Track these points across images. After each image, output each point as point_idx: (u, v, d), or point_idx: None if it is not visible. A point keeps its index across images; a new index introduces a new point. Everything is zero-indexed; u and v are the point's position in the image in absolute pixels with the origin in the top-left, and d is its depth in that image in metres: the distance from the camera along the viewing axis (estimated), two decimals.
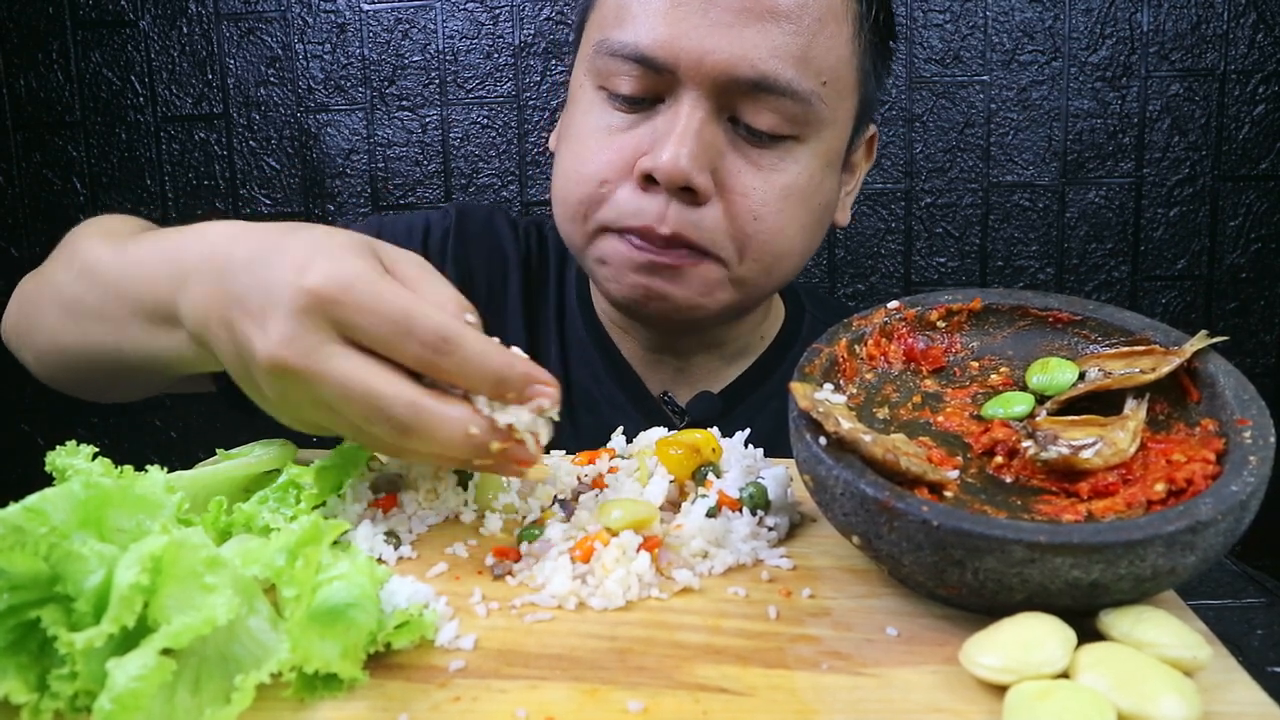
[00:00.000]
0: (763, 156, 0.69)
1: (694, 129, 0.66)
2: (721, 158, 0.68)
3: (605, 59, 0.69)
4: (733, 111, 0.68)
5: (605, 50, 0.69)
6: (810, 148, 0.71)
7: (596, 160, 0.70)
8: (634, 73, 0.68)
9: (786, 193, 0.70)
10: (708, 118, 0.67)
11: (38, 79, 1.77)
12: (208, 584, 0.36)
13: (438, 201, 1.76)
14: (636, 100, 0.69)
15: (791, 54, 0.66)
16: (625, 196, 0.69)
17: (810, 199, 0.72)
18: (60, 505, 0.39)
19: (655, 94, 0.69)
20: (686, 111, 0.66)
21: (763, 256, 0.71)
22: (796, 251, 0.74)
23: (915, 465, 0.42)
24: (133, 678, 0.32)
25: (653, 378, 0.84)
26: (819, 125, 0.70)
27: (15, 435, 1.87)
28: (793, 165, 0.70)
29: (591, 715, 0.35)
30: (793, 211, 0.71)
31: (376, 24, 1.72)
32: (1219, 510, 0.37)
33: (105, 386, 0.71)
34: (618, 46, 0.68)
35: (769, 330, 0.88)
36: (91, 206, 1.80)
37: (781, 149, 0.70)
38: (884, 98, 1.67)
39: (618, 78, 0.69)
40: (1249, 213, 1.67)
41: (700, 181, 0.66)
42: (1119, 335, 0.51)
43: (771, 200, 0.70)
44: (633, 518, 0.47)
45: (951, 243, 1.71)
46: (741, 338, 0.85)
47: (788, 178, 0.70)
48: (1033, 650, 0.35)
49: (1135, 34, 1.63)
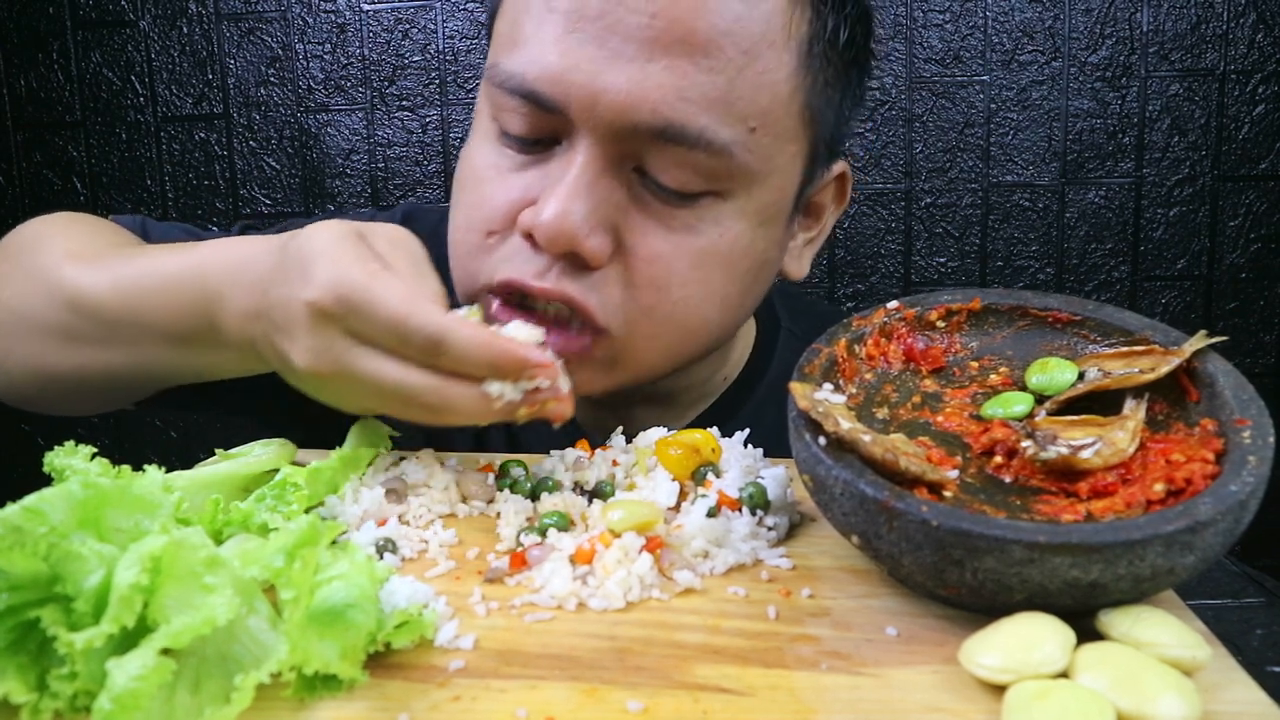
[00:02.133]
0: (674, 216, 0.58)
1: (586, 181, 0.56)
2: (624, 215, 0.58)
3: (494, 90, 0.59)
4: (638, 161, 0.57)
5: (494, 80, 0.59)
6: (737, 205, 0.59)
7: (482, 209, 0.60)
8: (522, 110, 0.57)
9: (701, 259, 0.59)
10: (606, 168, 0.56)
11: (38, 79, 1.78)
12: (207, 584, 0.36)
13: (438, 202, 1.76)
14: (530, 141, 0.59)
15: (706, 96, 0.55)
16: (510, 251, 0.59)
17: (734, 264, 0.61)
18: (59, 505, 0.39)
19: (550, 134, 0.58)
20: (581, 160, 0.56)
21: (665, 334, 0.60)
22: (711, 325, 0.62)
23: (915, 465, 0.42)
24: (132, 677, 0.32)
25: (599, 430, 0.73)
26: (747, 179, 0.58)
27: (15, 435, 1.87)
28: (712, 227, 0.59)
29: (591, 715, 0.35)
30: (707, 280, 0.60)
31: (376, 24, 1.72)
32: (1218, 510, 0.37)
33: (95, 401, 0.69)
34: (504, 77, 0.57)
35: (733, 370, 0.77)
36: (91, 206, 1.80)
37: (699, 207, 0.58)
38: (884, 99, 1.67)
39: (506, 114, 0.59)
40: (1249, 213, 1.68)
41: (590, 246, 0.56)
42: (1118, 335, 0.51)
43: (681, 269, 0.58)
44: (636, 519, 0.47)
45: (951, 243, 1.71)
46: (695, 387, 0.75)
47: (704, 241, 0.59)
48: (1032, 650, 0.35)
49: (1135, 34, 1.63)
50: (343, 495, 0.52)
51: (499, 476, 0.55)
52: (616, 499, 0.50)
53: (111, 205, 1.80)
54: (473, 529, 0.52)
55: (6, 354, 0.66)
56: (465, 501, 0.54)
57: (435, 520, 0.52)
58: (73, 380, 0.64)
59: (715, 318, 0.63)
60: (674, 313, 0.60)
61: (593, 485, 0.53)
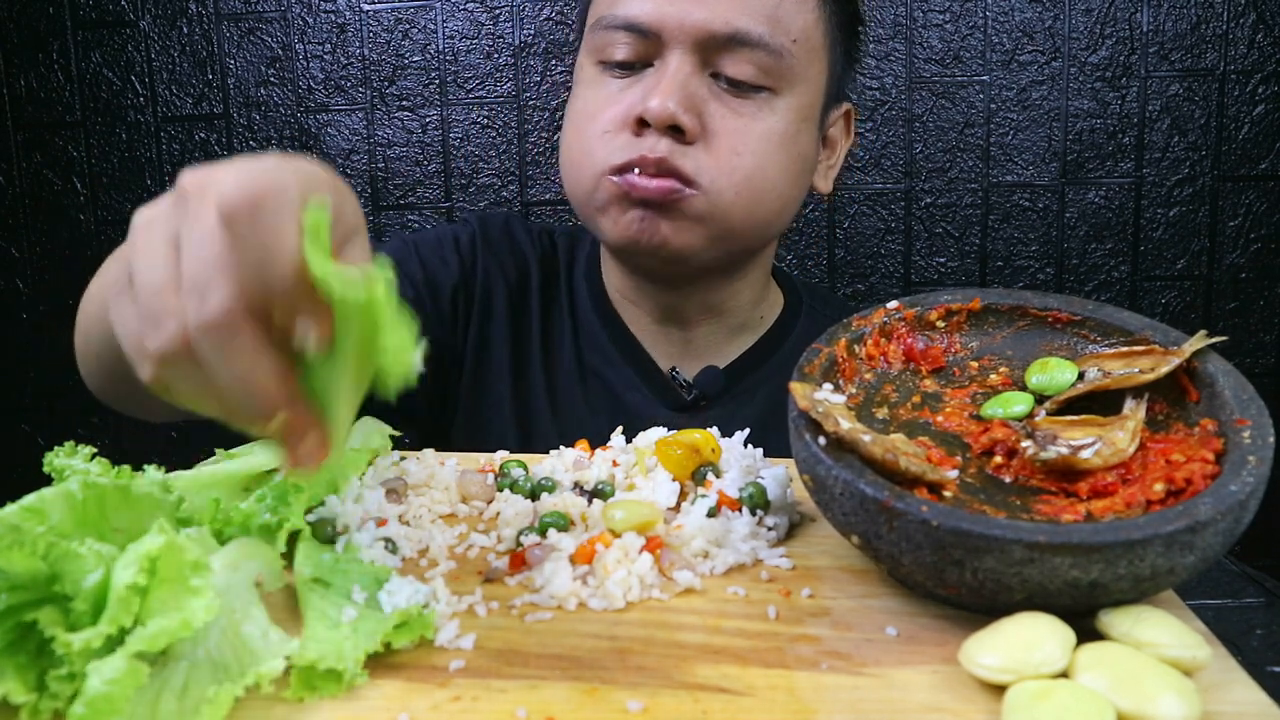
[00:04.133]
0: (743, 105, 0.78)
1: (680, 80, 0.75)
2: (705, 105, 0.76)
3: (601, 33, 0.79)
4: (715, 67, 0.77)
5: (601, 25, 0.79)
6: (786, 100, 0.79)
7: (598, 118, 0.79)
8: (626, 40, 0.77)
9: (766, 136, 0.78)
10: (693, 71, 0.76)
11: (38, 79, 1.77)
12: (193, 586, 0.35)
13: (438, 202, 1.76)
14: (629, 65, 0.78)
15: (762, 13, 0.76)
16: (622, 142, 0.77)
17: (788, 145, 0.80)
18: (58, 505, 0.39)
19: (646, 59, 0.78)
20: (674, 66, 0.75)
21: (744, 190, 0.78)
22: (776, 191, 0.80)
23: (915, 465, 0.42)
24: (106, 681, 0.32)
25: (660, 352, 0.89)
26: (792, 79, 0.78)
27: (15, 435, 1.87)
28: (770, 114, 0.78)
29: (591, 715, 0.35)
30: (772, 153, 0.78)
31: (376, 24, 1.72)
32: (1218, 510, 0.37)
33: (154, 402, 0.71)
34: (610, 19, 0.78)
35: (769, 312, 0.93)
36: (91, 206, 1.80)
37: (760, 99, 0.78)
38: (884, 99, 1.67)
39: (612, 47, 0.78)
40: (1249, 213, 1.67)
41: (686, 120, 0.74)
42: (1118, 335, 0.50)
43: (752, 141, 0.77)
44: (636, 519, 0.47)
45: (951, 243, 1.71)
46: (741, 310, 0.90)
47: (766, 125, 0.78)
48: (1032, 650, 0.35)
49: (1135, 34, 1.63)
50: (343, 495, 0.52)
51: (499, 476, 0.55)
52: (616, 499, 0.50)
53: (111, 205, 1.80)
54: (473, 529, 0.52)
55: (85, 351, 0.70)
56: (465, 501, 0.54)
57: (435, 520, 0.52)
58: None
59: (778, 185, 0.80)
60: (748, 172, 0.77)
61: (593, 485, 0.53)
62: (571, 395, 0.88)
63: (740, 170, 0.77)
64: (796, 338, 0.91)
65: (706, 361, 0.89)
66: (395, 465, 0.56)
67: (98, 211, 1.81)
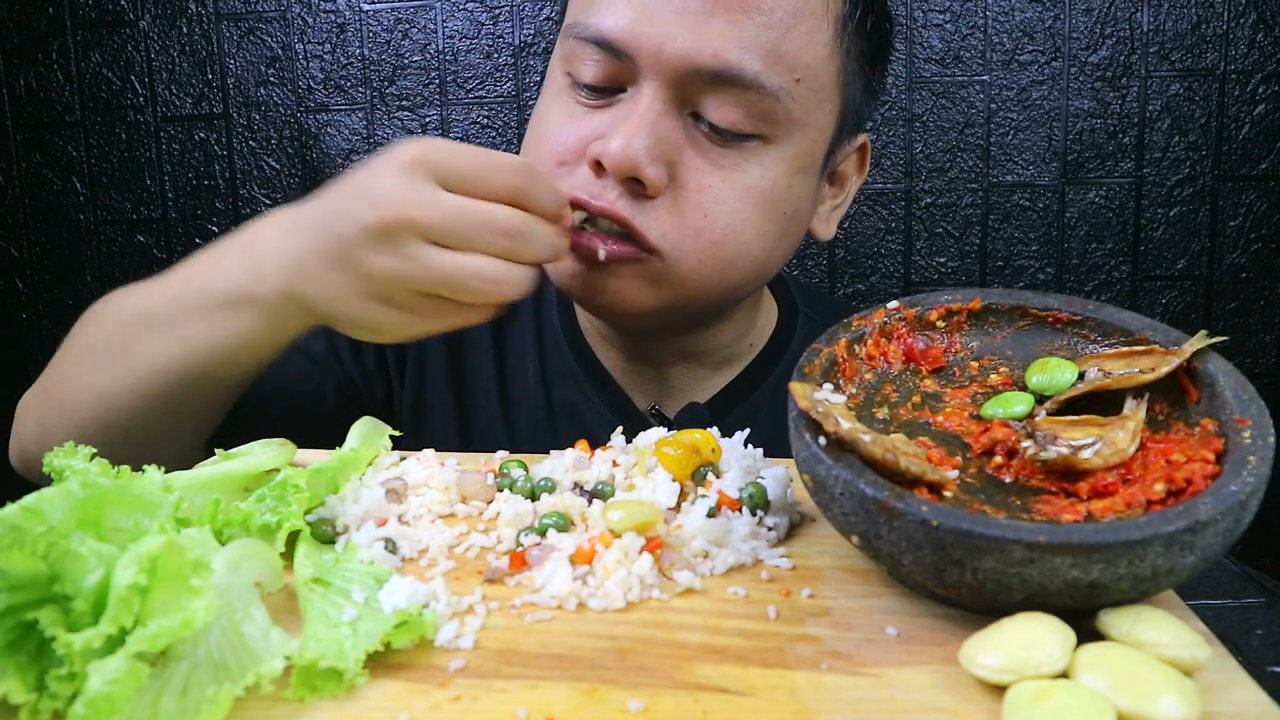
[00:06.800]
0: (724, 155, 0.66)
1: (649, 119, 0.63)
2: (679, 152, 0.65)
3: (572, 42, 0.67)
4: (695, 106, 0.65)
5: (571, 34, 0.67)
6: (779, 150, 0.67)
7: (553, 142, 0.68)
8: (596, 57, 0.65)
9: (746, 194, 0.66)
10: (666, 109, 0.64)
11: (38, 79, 1.78)
12: (193, 586, 0.35)
13: None
14: (599, 89, 0.67)
15: (761, 45, 0.63)
16: (579, 179, 0.66)
17: (775, 204, 0.68)
18: (58, 505, 0.39)
19: (617, 82, 0.66)
20: (645, 104, 0.64)
21: (710, 257, 0.66)
22: (751, 257, 0.69)
23: (915, 465, 0.42)
24: (106, 681, 0.32)
25: (638, 391, 0.81)
26: (789, 125, 0.66)
27: None
28: (756, 167, 0.66)
29: (591, 715, 0.35)
30: (750, 215, 0.67)
31: (376, 24, 1.72)
32: (1218, 510, 0.37)
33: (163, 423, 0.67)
34: (581, 29, 0.66)
35: (759, 339, 0.84)
36: (91, 206, 1.80)
37: (746, 149, 0.66)
38: (884, 99, 1.67)
39: (581, 62, 0.67)
40: (1249, 213, 1.68)
41: (650, 173, 0.63)
42: (1118, 335, 0.50)
43: (728, 201, 0.66)
44: (636, 519, 0.47)
45: (951, 243, 1.71)
46: (725, 347, 0.81)
47: (749, 178, 0.66)
48: (1032, 650, 0.35)
49: (1135, 34, 1.63)
50: (343, 495, 0.52)
51: (499, 477, 0.55)
52: (616, 499, 0.50)
53: (111, 205, 1.80)
54: (473, 529, 0.52)
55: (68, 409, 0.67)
56: (465, 501, 0.54)
57: (435, 520, 0.52)
58: (135, 394, 0.65)
59: (753, 250, 0.69)
60: (717, 238, 0.66)
61: (593, 485, 0.53)
62: (538, 430, 0.80)
63: (708, 235, 0.66)
64: (790, 358, 0.83)
65: (687, 398, 0.81)
66: (395, 465, 0.56)
67: (97, 211, 1.81)
